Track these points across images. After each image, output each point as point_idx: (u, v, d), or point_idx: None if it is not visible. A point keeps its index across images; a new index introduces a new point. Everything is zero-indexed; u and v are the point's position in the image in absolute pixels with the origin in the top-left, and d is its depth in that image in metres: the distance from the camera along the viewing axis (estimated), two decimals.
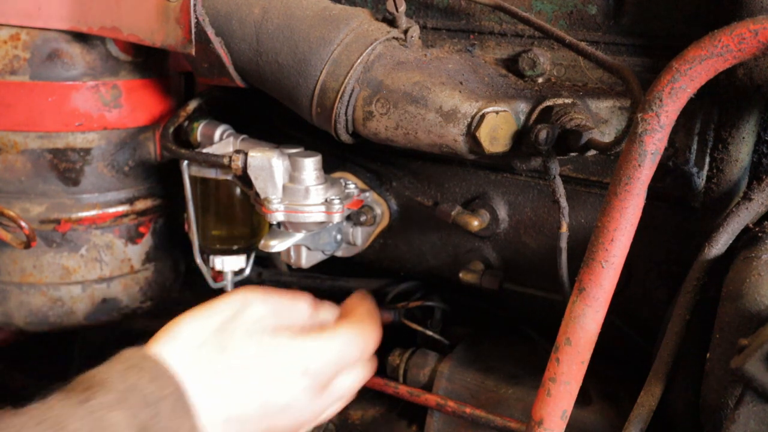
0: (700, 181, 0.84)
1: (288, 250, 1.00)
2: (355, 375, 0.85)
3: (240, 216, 1.09)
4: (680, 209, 0.86)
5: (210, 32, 0.90)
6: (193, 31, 0.89)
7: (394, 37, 0.88)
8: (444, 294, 1.11)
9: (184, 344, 0.73)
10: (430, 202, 1.02)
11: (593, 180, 0.90)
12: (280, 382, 0.75)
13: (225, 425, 0.72)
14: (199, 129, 1.06)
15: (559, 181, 0.80)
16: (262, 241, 0.96)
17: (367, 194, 1.05)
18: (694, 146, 0.83)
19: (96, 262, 1.06)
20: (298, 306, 0.83)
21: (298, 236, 0.98)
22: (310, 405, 0.78)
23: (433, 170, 1.03)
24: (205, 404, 0.70)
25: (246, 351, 0.75)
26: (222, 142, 1.03)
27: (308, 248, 1.02)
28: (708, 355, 0.68)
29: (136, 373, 0.67)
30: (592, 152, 0.80)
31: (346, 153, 1.07)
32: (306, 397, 0.78)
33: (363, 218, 1.05)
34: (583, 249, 0.69)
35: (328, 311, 0.87)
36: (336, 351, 0.80)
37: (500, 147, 0.80)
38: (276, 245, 0.96)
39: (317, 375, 0.78)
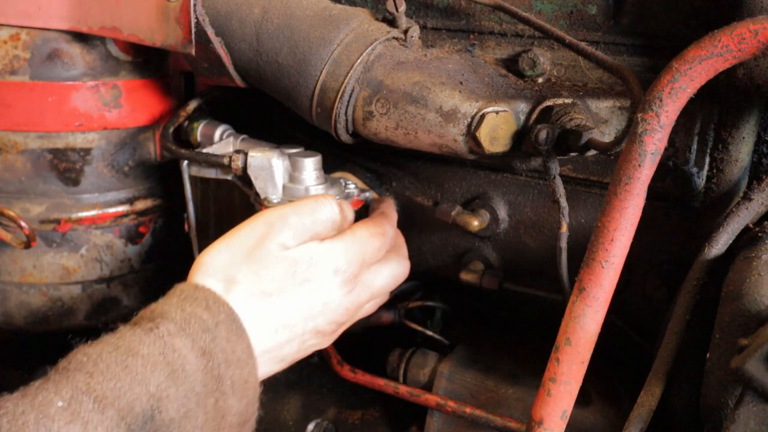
0: (700, 181, 0.84)
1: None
2: (387, 271, 0.90)
3: (240, 216, 1.09)
4: (680, 209, 0.86)
5: (210, 32, 0.90)
6: (193, 31, 0.89)
7: (394, 37, 0.88)
8: (444, 294, 1.11)
9: (223, 275, 0.78)
10: (430, 202, 1.02)
11: (593, 180, 0.90)
12: (315, 285, 0.81)
13: (275, 335, 0.79)
14: (199, 129, 1.06)
15: (559, 181, 0.80)
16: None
17: (367, 194, 1.05)
18: (694, 146, 0.83)
19: (96, 262, 1.06)
20: (321, 214, 0.85)
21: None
22: (346, 299, 0.84)
23: (433, 170, 1.03)
24: (254, 323, 0.76)
25: (277, 272, 0.80)
26: (222, 142, 1.03)
27: None
28: (708, 355, 0.68)
29: (190, 303, 0.73)
30: (592, 152, 0.80)
31: (346, 153, 1.07)
32: (341, 293, 0.83)
33: None
34: (583, 249, 0.69)
35: (349, 209, 0.92)
36: (358, 246, 0.85)
37: (500, 147, 0.80)
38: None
39: (345, 271, 0.83)
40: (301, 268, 0.81)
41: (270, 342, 0.78)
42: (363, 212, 1.04)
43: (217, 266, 0.79)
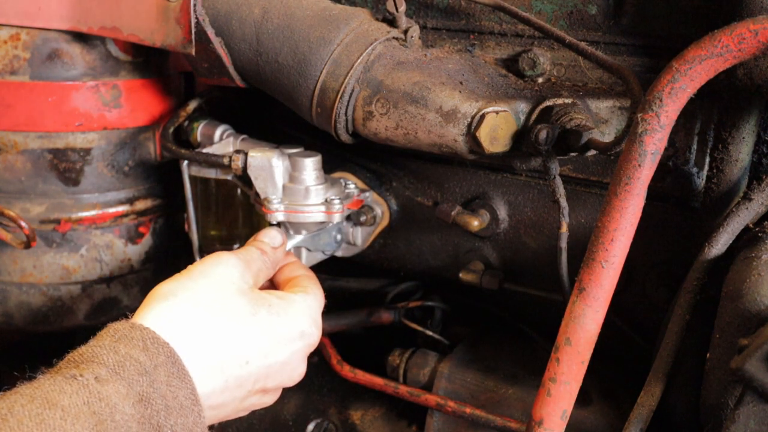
0: (700, 181, 0.84)
1: (289, 251, 1.00)
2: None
3: (240, 216, 1.09)
4: (680, 209, 0.86)
5: (210, 32, 0.90)
6: (193, 31, 0.89)
7: (394, 37, 0.88)
8: (444, 294, 1.11)
9: (170, 309, 0.70)
10: (430, 202, 1.02)
11: (593, 180, 0.90)
12: (280, 344, 0.75)
13: (224, 386, 0.71)
14: (199, 129, 1.06)
15: (559, 181, 0.80)
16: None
17: (367, 194, 1.05)
18: (694, 146, 0.83)
19: (96, 262, 1.06)
20: (256, 258, 0.82)
21: (298, 238, 0.98)
22: (302, 363, 0.80)
23: (433, 170, 1.03)
24: (201, 367, 0.68)
25: (239, 311, 0.73)
26: (222, 142, 1.03)
27: (308, 249, 1.02)
28: (708, 355, 0.68)
29: (126, 344, 0.64)
30: (592, 152, 0.80)
31: (346, 153, 1.07)
32: (301, 355, 0.79)
33: (363, 218, 1.05)
34: (583, 249, 0.69)
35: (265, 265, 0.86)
36: (319, 308, 0.82)
37: (500, 147, 0.80)
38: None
39: (311, 336, 0.79)
40: (269, 318, 0.75)
41: (214, 392, 0.70)
42: (356, 217, 1.04)
43: (170, 300, 0.71)
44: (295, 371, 0.80)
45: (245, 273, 0.78)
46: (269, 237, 0.86)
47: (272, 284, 0.89)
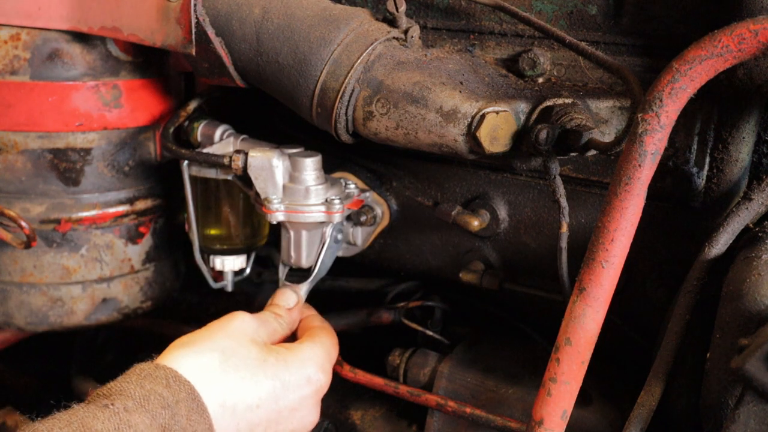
0: (700, 181, 0.84)
1: (288, 251, 1.00)
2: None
3: (240, 216, 1.09)
4: (680, 209, 0.86)
5: (210, 32, 0.90)
6: (193, 31, 0.89)
7: (394, 37, 0.88)
8: (444, 294, 1.11)
9: (191, 353, 0.77)
10: (430, 202, 1.02)
11: (593, 180, 0.90)
12: (288, 389, 0.81)
13: (236, 428, 0.76)
14: (199, 129, 1.06)
15: (559, 181, 0.80)
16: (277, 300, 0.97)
17: (367, 194, 1.05)
18: (694, 146, 0.83)
19: (96, 262, 1.06)
20: (271, 320, 0.90)
21: (306, 288, 1.00)
22: (314, 409, 0.85)
23: (433, 170, 1.03)
24: (215, 407, 0.74)
25: (252, 357, 0.80)
26: (222, 142, 1.03)
27: (308, 249, 1.02)
28: (708, 355, 0.68)
29: (150, 381, 0.70)
30: (592, 152, 0.80)
31: (346, 153, 1.07)
32: (311, 402, 0.84)
33: (363, 218, 1.05)
34: (583, 249, 0.69)
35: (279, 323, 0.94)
36: (326, 355, 0.88)
37: (500, 147, 0.80)
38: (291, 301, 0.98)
39: (318, 381, 0.85)
40: (270, 364, 0.80)
41: (225, 430, 0.76)
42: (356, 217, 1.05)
43: (189, 346, 0.78)
44: (306, 418, 0.84)
45: (259, 329, 0.85)
46: (284, 300, 0.95)
47: (290, 339, 0.94)
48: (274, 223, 0.97)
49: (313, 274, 0.99)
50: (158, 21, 0.90)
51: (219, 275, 1.10)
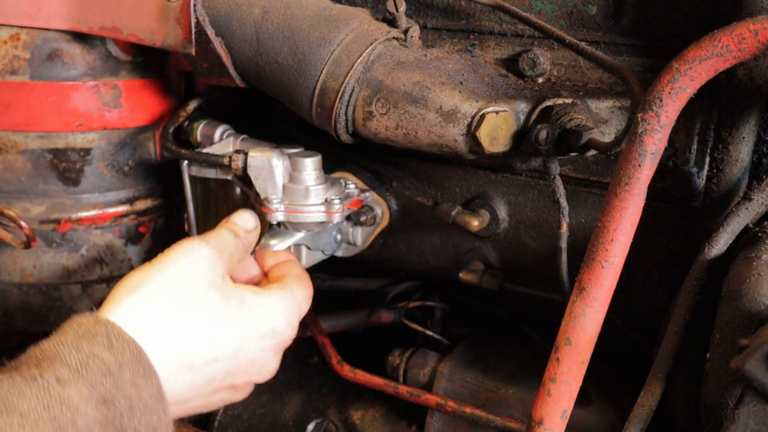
0: (700, 181, 0.84)
1: (288, 249, 1.00)
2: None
3: None
4: (680, 209, 0.86)
5: (210, 32, 0.90)
6: (193, 31, 0.89)
7: (394, 37, 0.88)
8: (444, 294, 1.11)
9: (138, 303, 0.68)
10: (430, 202, 1.02)
11: (593, 180, 0.90)
12: (250, 340, 0.74)
13: (192, 383, 0.70)
14: (199, 129, 1.06)
15: (559, 181, 0.80)
16: (262, 241, 0.96)
17: (367, 194, 1.05)
18: (694, 146, 0.83)
19: (96, 262, 1.06)
20: (228, 243, 0.81)
21: (299, 235, 0.98)
22: (274, 360, 0.78)
23: (433, 170, 1.03)
24: (168, 364, 0.67)
25: (210, 305, 0.72)
26: (222, 142, 1.03)
27: (308, 248, 1.02)
28: (708, 355, 0.68)
29: (89, 341, 0.61)
30: (592, 152, 0.80)
31: (346, 153, 1.07)
32: (272, 353, 0.77)
33: (363, 218, 1.05)
34: (583, 249, 0.69)
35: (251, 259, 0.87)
36: (296, 308, 0.80)
37: (500, 147, 0.80)
38: (276, 244, 0.96)
39: (282, 334, 0.78)
40: (240, 314, 0.73)
41: (182, 390, 0.69)
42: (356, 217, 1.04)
43: (137, 292, 0.68)
44: (265, 368, 0.78)
45: (217, 263, 0.76)
46: (242, 219, 0.85)
47: (263, 279, 0.88)
48: (274, 222, 0.97)
49: (305, 234, 0.98)
50: (158, 21, 0.90)
51: None
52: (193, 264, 0.74)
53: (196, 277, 0.73)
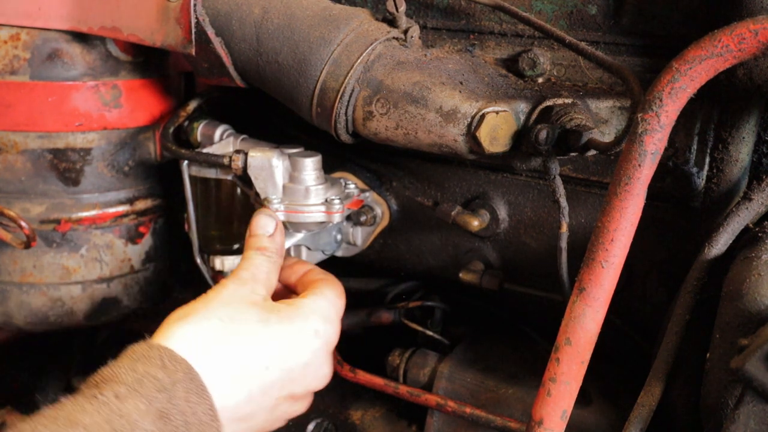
0: (700, 181, 0.84)
1: (288, 250, 1.00)
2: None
3: (240, 216, 1.09)
4: (680, 209, 0.86)
5: (210, 32, 0.90)
6: (193, 31, 0.89)
7: (394, 37, 0.88)
8: (444, 294, 1.11)
9: (187, 328, 0.72)
10: (430, 202, 1.02)
11: (593, 180, 0.90)
12: (297, 345, 0.77)
13: (248, 396, 0.73)
14: (199, 129, 1.06)
15: (559, 181, 0.80)
16: None
17: (367, 194, 1.05)
18: (694, 146, 0.83)
19: (96, 262, 1.06)
20: (259, 263, 0.84)
21: (298, 236, 0.98)
22: (326, 362, 0.82)
23: (433, 170, 1.03)
24: (221, 381, 0.70)
25: (253, 321, 0.76)
26: (222, 142, 1.03)
27: (308, 248, 1.02)
28: (708, 355, 0.68)
29: (144, 363, 0.66)
30: (592, 152, 0.80)
31: (346, 153, 1.07)
32: (322, 355, 0.81)
33: (363, 218, 1.05)
34: (583, 249, 0.69)
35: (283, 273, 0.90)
36: (331, 309, 0.83)
37: (500, 147, 0.80)
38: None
39: (325, 333, 0.81)
40: (281, 325, 0.77)
41: (239, 404, 0.72)
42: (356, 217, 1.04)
43: (185, 320, 0.74)
44: (319, 371, 0.81)
45: (255, 286, 0.80)
46: (262, 227, 0.87)
47: (292, 291, 0.90)
48: None
49: (306, 234, 0.98)
50: (158, 21, 0.90)
51: (219, 275, 1.10)
52: (232, 291, 0.78)
53: (236, 300, 0.77)
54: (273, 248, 0.86)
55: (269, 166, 0.94)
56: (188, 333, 0.72)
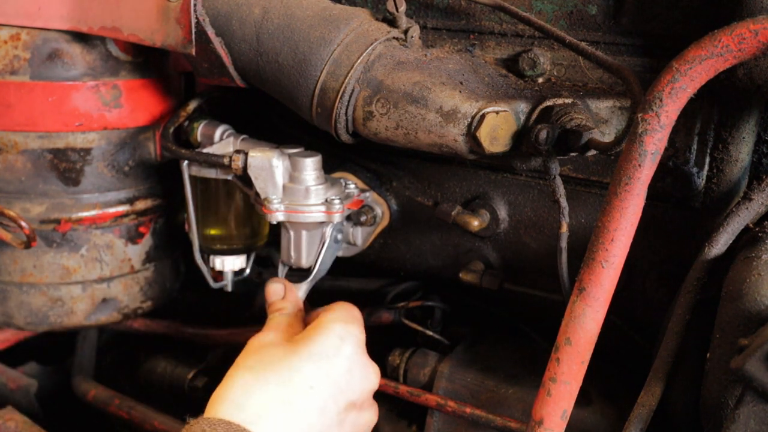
0: (700, 181, 0.84)
1: (288, 251, 1.00)
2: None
3: (240, 216, 1.09)
4: (680, 209, 0.86)
5: (210, 32, 0.90)
6: (193, 31, 0.89)
7: (394, 37, 0.88)
8: (444, 294, 1.11)
9: (220, 393, 0.75)
10: (430, 202, 1.02)
11: (593, 180, 0.90)
12: (330, 356, 0.80)
13: (307, 425, 0.75)
14: (199, 129, 1.06)
15: (559, 181, 0.80)
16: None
17: (367, 194, 1.05)
18: (694, 146, 0.83)
19: (96, 262, 1.06)
20: (277, 321, 0.89)
21: (305, 288, 0.99)
22: (366, 362, 0.84)
23: (433, 170, 1.03)
24: (275, 416, 0.73)
25: (280, 356, 0.79)
26: (222, 142, 1.03)
27: (308, 249, 1.02)
28: (708, 355, 0.68)
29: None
30: (592, 152, 0.80)
31: (346, 153, 1.07)
32: (358, 356, 0.82)
33: (363, 218, 1.05)
34: (583, 249, 0.69)
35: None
36: (342, 316, 0.85)
37: (500, 147, 0.80)
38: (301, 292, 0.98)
39: (350, 335, 0.82)
40: (300, 350, 0.79)
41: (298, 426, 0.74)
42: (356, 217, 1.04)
43: (216, 397, 0.76)
44: (365, 371, 0.82)
45: (275, 333, 0.84)
46: (272, 294, 0.93)
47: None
48: (274, 223, 0.97)
49: (313, 273, 0.99)
50: (158, 21, 0.90)
51: (219, 275, 1.10)
52: (256, 343, 0.83)
53: (261, 347, 0.81)
54: (288, 306, 0.91)
55: (269, 166, 0.94)
56: (222, 395, 0.74)
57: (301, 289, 0.99)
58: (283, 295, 0.93)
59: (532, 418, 0.71)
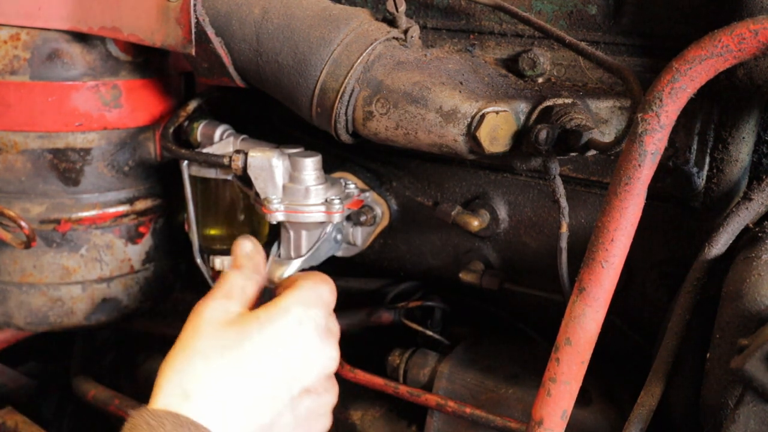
0: (700, 181, 0.84)
1: (288, 250, 1.00)
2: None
3: (240, 216, 1.09)
4: (680, 209, 0.86)
5: (210, 32, 0.90)
6: (193, 31, 0.89)
7: (394, 37, 0.88)
8: (444, 294, 1.11)
9: (170, 377, 0.73)
10: (430, 202, 1.02)
11: (593, 180, 0.90)
12: (285, 341, 0.76)
13: (256, 408, 0.73)
14: (199, 129, 1.06)
15: (559, 181, 0.80)
16: (269, 273, 0.95)
17: (367, 194, 1.05)
18: (694, 146, 0.83)
19: (96, 262, 1.06)
20: (235, 281, 0.83)
21: (296, 264, 0.98)
22: (324, 346, 0.80)
23: (433, 170, 1.03)
24: (214, 412, 0.71)
25: (232, 341, 0.75)
26: (222, 142, 1.03)
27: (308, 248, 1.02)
28: (708, 355, 0.68)
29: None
30: (592, 152, 0.80)
31: (346, 153, 1.07)
32: (315, 341, 0.79)
33: (363, 218, 1.05)
34: (583, 249, 0.69)
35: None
36: (309, 294, 0.81)
37: (500, 147, 0.80)
38: (282, 274, 0.97)
39: (309, 319, 0.79)
40: (253, 333, 0.75)
41: (248, 422, 0.72)
42: (356, 217, 1.04)
43: (166, 378, 0.73)
44: (322, 355, 0.79)
45: (229, 303, 0.79)
46: (240, 248, 0.87)
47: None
48: (274, 223, 0.97)
49: (306, 256, 0.98)
50: (158, 21, 0.90)
51: (219, 275, 1.10)
52: (207, 316, 0.77)
53: (212, 325, 0.76)
54: (249, 265, 0.86)
55: (269, 166, 0.94)
56: (169, 380, 0.73)
57: (291, 266, 0.97)
58: (249, 252, 0.87)
59: (532, 418, 0.71)
